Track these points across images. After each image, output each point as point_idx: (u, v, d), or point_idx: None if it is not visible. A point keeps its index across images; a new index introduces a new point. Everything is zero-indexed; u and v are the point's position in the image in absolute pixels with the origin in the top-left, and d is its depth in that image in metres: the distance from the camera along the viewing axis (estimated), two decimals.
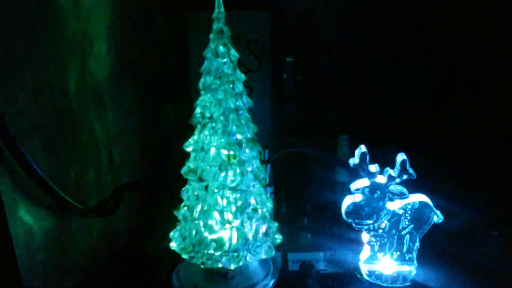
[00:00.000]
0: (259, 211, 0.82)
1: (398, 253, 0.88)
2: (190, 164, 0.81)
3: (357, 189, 0.85)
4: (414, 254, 0.89)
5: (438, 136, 1.22)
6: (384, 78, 1.32)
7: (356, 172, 0.85)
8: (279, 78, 1.37)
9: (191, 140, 0.80)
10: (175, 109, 1.31)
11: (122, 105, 1.03)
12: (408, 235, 0.87)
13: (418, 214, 0.87)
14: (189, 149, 0.80)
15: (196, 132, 0.80)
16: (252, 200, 0.81)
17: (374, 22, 1.29)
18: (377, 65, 1.33)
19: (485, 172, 1.16)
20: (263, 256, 0.83)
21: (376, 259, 0.89)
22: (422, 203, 0.86)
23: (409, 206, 0.86)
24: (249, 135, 0.79)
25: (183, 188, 0.84)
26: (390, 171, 0.83)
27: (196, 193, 0.81)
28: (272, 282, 0.86)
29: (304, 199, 1.20)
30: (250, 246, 0.81)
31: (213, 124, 0.77)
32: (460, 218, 1.05)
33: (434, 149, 1.19)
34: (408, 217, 0.87)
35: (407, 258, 0.89)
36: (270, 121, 1.35)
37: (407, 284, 0.89)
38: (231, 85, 0.76)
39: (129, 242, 1.04)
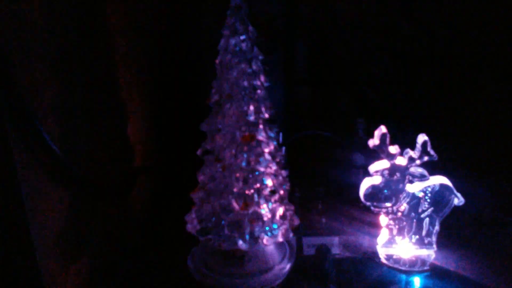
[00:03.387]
0: (276, 193, 0.80)
1: (417, 236, 0.87)
2: (206, 145, 0.80)
3: (376, 171, 0.84)
4: (434, 238, 0.87)
5: (458, 119, 1.20)
6: (400, 62, 1.29)
7: (375, 154, 0.84)
8: (293, 61, 1.34)
9: (207, 121, 0.79)
10: (189, 91, 1.29)
11: (138, 84, 1.01)
12: (427, 218, 0.86)
13: (439, 197, 0.85)
14: (205, 130, 0.79)
15: (212, 113, 0.78)
16: (269, 182, 0.79)
17: (392, 4, 1.27)
18: (394, 48, 1.30)
19: (508, 157, 1.13)
20: (280, 239, 0.82)
21: (394, 243, 0.88)
22: (442, 186, 0.84)
23: (429, 189, 0.85)
24: (266, 115, 0.78)
25: (199, 170, 0.83)
26: (411, 153, 0.81)
27: (212, 175, 0.80)
28: (288, 265, 0.86)
29: (318, 183, 1.18)
30: (267, 228, 0.80)
31: (230, 104, 0.76)
32: (481, 202, 1.02)
33: (453, 132, 1.16)
34: (428, 200, 0.85)
35: (426, 242, 0.87)
36: (283, 104, 1.33)
37: (425, 268, 0.87)
38: (249, 64, 0.74)
39: (143, 224, 1.04)
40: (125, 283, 0.89)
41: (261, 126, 0.77)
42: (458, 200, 0.85)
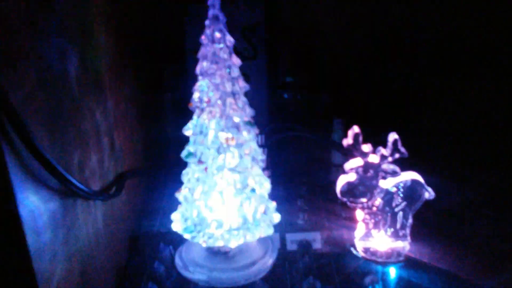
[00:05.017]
0: (257, 191, 0.85)
1: (392, 229, 0.92)
2: (189, 147, 0.84)
3: (351, 169, 0.89)
4: (408, 231, 0.92)
5: (430, 118, 1.25)
6: (377, 64, 1.35)
7: (350, 153, 0.88)
8: (275, 66, 1.39)
9: (190, 124, 0.83)
10: (172, 97, 1.33)
11: (122, 93, 1.05)
12: (401, 212, 0.91)
13: (411, 192, 0.90)
14: (188, 133, 0.83)
15: (194, 116, 0.83)
16: (251, 181, 0.84)
17: (369, 7, 1.32)
18: (372, 51, 1.35)
19: (477, 153, 1.19)
20: (262, 234, 0.86)
21: (371, 236, 0.93)
22: (414, 181, 0.89)
23: (402, 184, 0.90)
24: (246, 118, 0.82)
25: (184, 171, 0.87)
26: (383, 150, 0.86)
27: (196, 175, 0.84)
28: (271, 260, 0.90)
29: (300, 182, 1.23)
30: (250, 225, 0.85)
31: (211, 108, 0.80)
32: (452, 196, 1.08)
33: (426, 130, 1.22)
34: (401, 195, 0.90)
35: (400, 234, 0.92)
36: (266, 108, 1.38)
37: (401, 259, 0.92)
38: (228, 70, 0.79)
39: (131, 225, 1.07)
40: (113, 282, 0.94)
41: (241, 128, 0.82)
42: (428, 194, 0.90)
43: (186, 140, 0.86)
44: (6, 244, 0.63)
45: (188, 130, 0.83)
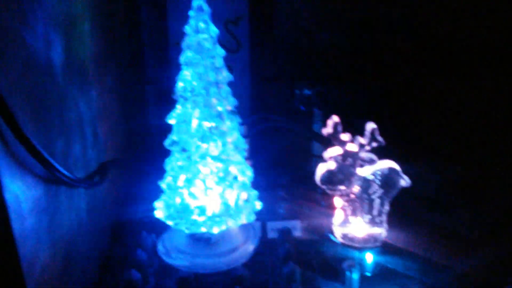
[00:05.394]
0: (240, 179, 0.87)
1: (369, 216, 0.95)
2: (173, 136, 0.86)
3: (330, 157, 0.91)
4: (384, 217, 0.96)
5: (407, 108, 1.29)
6: (358, 59, 1.38)
7: (330, 142, 0.91)
8: (258, 59, 1.41)
9: (173, 113, 0.85)
10: (155, 88, 1.34)
11: (105, 84, 1.06)
12: (378, 199, 0.94)
13: (387, 179, 0.93)
14: (172, 122, 0.85)
15: (178, 106, 0.84)
16: (233, 169, 0.86)
17: (351, 1, 1.34)
18: (352, 46, 1.38)
19: (451, 144, 1.23)
20: (244, 221, 0.88)
21: (349, 223, 0.96)
22: (390, 169, 0.93)
23: (379, 172, 0.93)
24: (229, 107, 0.84)
25: (167, 160, 0.89)
26: (361, 139, 0.90)
27: (179, 164, 0.86)
28: (252, 246, 0.92)
29: (280, 172, 1.26)
30: (232, 212, 0.87)
31: (195, 98, 0.82)
32: (430, 185, 1.11)
33: (403, 120, 1.25)
34: (378, 182, 0.93)
35: (377, 221, 0.95)
36: (249, 101, 1.40)
37: (377, 244, 0.96)
38: (212, 60, 0.81)
39: (114, 213, 1.08)
40: (96, 270, 0.95)
41: (224, 117, 0.83)
42: (405, 182, 0.93)
43: (168, 131, 0.87)
44: None
45: (171, 119, 0.85)
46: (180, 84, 0.82)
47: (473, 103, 1.16)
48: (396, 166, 0.93)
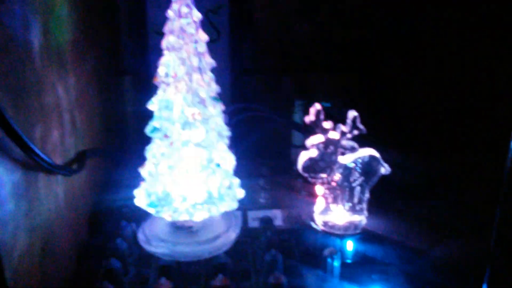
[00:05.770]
0: (222, 166, 0.87)
1: (350, 204, 0.96)
2: (154, 122, 0.85)
3: (312, 145, 0.92)
4: (364, 205, 0.97)
5: (388, 97, 1.31)
6: (340, 50, 1.39)
7: (311, 130, 0.92)
8: (238, 49, 1.40)
9: (155, 99, 0.84)
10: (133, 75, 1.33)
11: (83, 70, 1.04)
12: (358, 187, 0.95)
13: (368, 167, 0.94)
14: (153, 108, 0.84)
15: (160, 91, 0.83)
16: (216, 156, 0.85)
17: None
18: (333, 37, 1.39)
19: (431, 135, 1.25)
20: (227, 209, 0.88)
21: (330, 211, 0.97)
22: (371, 157, 0.94)
23: (360, 160, 0.94)
24: (212, 94, 0.84)
25: (147, 147, 0.88)
26: (342, 127, 0.90)
27: (161, 150, 0.85)
28: (234, 234, 0.92)
29: (261, 162, 1.26)
30: (214, 199, 0.86)
31: (177, 83, 0.81)
32: (409, 174, 1.13)
33: (384, 111, 1.27)
34: (359, 170, 0.94)
35: (358, 208, 0.96)
36: (229, 91, 1.39)
37: (358, 231, 0.97)
38: (194, 45, 0.80)
39: (93, 201, 1.07)
40: (75, 259, 0.93)
41: (207, 104, 0.83)
42: (385, 169, 0.95)
43: (147, 119, 0.86)
44: None
45: (153, 105, 0.83)
46: (162, 69, 0.81)
47: (453, 95, 1.18)
48: (377, 154, 0.94)
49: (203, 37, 0.81)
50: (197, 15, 0.80)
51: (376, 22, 1.32)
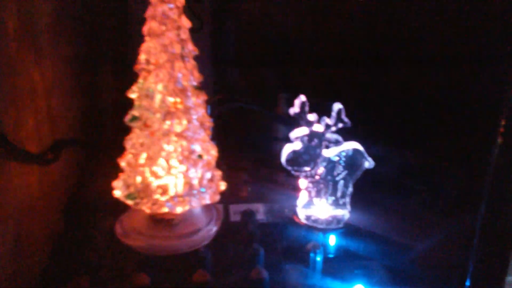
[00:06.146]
0: (204, 158, 0.84)
1: (333, 198, 0.95)
2: (134, 111, 0.82)
3: (297, 137, 0.90)
4: (348, 199, 0.96)
5: (373, 92, 1.30)
6: (324, 44, 1.38)
7: (296, 121, 0.90)
8: (221, 41, 1.38)
9: (135, 87, 0.81)
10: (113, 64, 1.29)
11: (61, 55, 1.00)
12: (342, 181, 0.94)
13: (352, 161, 0.93)
14: (133, 96, 0.81)
15: (140, 79, 0.80)
16: (197, 147, 0.83)
17: None
18: (317, 30, 1.38)
19: (415, 130, 1.25)
20: (208, 201, 0.86)
21: (313, 204, 0.95)
22: (355, 150, 0.93)
23: (344, 153, 0.92)
24: (194, 83, 0.81)
25: (127, 137, 0.84)
26: (327, 120, 0.89)
27: (140, 141, 0.82)
28: (215, 228, 0.90)
29: (244, 155, 1.24)
30: (195, 191, 0.84)
31: (158, 71, 0.78)
32: (392, 169, 1.13)
33: (369, 106, 1.26)
34: (343, 164, 0.93)
35: (341, 202, 0.95)
36: (212, 82, 1.36)
37: (340, 226, 0.96)
38: (177, 31, 0.77)
39: (69, 192, 1.04)
40: (49, 251, 0.90)
41: (189, 93, 0.80)
42: (368, 163, 0.94)
43: (127, 108, 0.83)
44: None
45: (133, 93, 0.80)
46: (142, 56, 0.78)
47: (435, 90, 1.18)
48: (360, 148, 0.94)
49: (186, 23, 0.78)
50: (180, 0, 0.77)
51: (361, 14, 1.31)
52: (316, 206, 0.95)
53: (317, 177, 0.93)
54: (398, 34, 1.26)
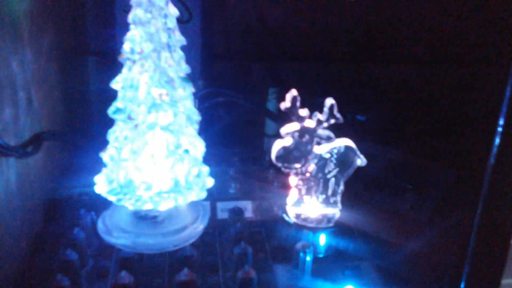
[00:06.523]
0: (191, 152, 0.81)
1: (324, 196, 0.92)
2: (118, 103, 0.78)
3: (287, 133, 0.87)
4: (338, 198, 0.93)
5: (361, 91, 1.28)
6: (313, 38, 1.36)
7: (287, 117, 0.87)
8: (210, 33, 1.34)
9: (119, 78, 0.77)
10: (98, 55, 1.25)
11: (42, 46, 0.96)
12: (333, 179, 0.91)
13: (344, 158, 0.90)
14: (117, 87, 0.77)
15: (125, 69, 0.77)
16: (184, 141, 0.80)
17: None
18: (308, 24, 1.35)
19: (404, 130, 1.23)
20: (195, 198, 0.83)
21: (303, 202, 0.93)
22: (347, 147, 0.90)
23: (335, 150, 0.90)
24: (182, 74, 0.78)
25: (110, 130, 0.81)
26: (319, 115, 0.86)
27: (124, 134, 0.79)
28: (202, 226, 0.87)
29: (232, 151, 1.22)
30: (181, 187, 0.81)
31: (144, 61, 0.75)
32: (382, 168, 1.11)
33: (356, 102, 1.24)
34: (334, 161, 0.90)
35: (331, 201, 0.93)
36: (200, 75, 1.33)
37: (330, 225, 0.93)
38: (164, 20, 0.74)
39: (50, 187, 1.00)
40: (28, 249, 0.86)
41: (176, 85, 0.77)
42: (361, 161, 0.91)
43: (112, 101, 0.80)
44: None
45: (116, 84, 0.77)
46: (127, 45, 0.74)
47: (423, 88, 1.17)
48: (353, 145, 0.91)
49: (174, 11, 0.75)
50: None
51: (353, 8, 1.29)
52: (306, 204, 0.93)
53: (307, 175, 0.91)
54: (392, 31, 1.25)
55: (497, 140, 0.69)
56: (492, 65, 0.87)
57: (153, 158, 0.78)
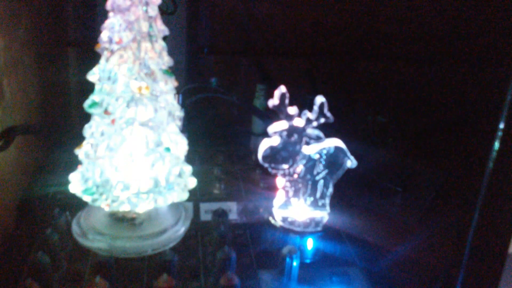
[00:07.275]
0: (172, 150, 0.77)
1: (312, 198, 0.89)
2: (94, 96, 0.74)
3: (275, 132, 0.84)
4: (327, 200, 0.90)
5: (350, 91, 1.26)
6: (302, 33, 1.32)
7: (275, 115, 0.83)
8: (195, 24, 1.30)
9: (96, 69, 0.72)
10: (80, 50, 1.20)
11: (16, 35, 0.91)
12: (322, 180, 0.88)
13: (333, 159, 0.87)
14: (93, 78, 0.72)
15: (102, 60, 0.72)
16: (165, 138, 0.75)
17: None
18: (296, 19, 1.32)
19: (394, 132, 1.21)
20: (175, 200, 0.79)
21: (290, 205, 0.89)
22: (337, 148, 0.87)
23: (325, 151, 0.87)
24: (163, 66, 0.74)
25: (86, 125, 0.76)
26: (308, 114, 0.82)
27: (101, 129, 0.74)
28: (183, 228, 0.83)
29: (217, 150, 1.18)
30: (161, 188, 0.77)
31: (122, 51, 0.70)
32: (372, 171, 1.08)
33: (344, 102, 1.21)
34: (323, 162, 0.87)
35: (320, 204, 0.90)
36: (185, 70, 1.29)
37: (318, 229, 0.90)
38: (145, 8, 0.69)
39: (22, 186, 0.96)
40: None
41: (158, 78, 0.72)
42: (351, 162, 0.88)
43: (90, 90, 0.75)
44: None
45: (93, 76, 0.72)
46: (105, 34, 0.70)
47: (413, 87, 1.15)
48: (343, 145, 0.88)
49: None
50: None
51: (345, 5, 1.26)
52: (294, 207, 0.90)
53: (295, 176, 0.87)
54: (387, 27, 1.22)
55: (497, 145, 0.66)
56: (493, 66, 0.85)
57: (131, 156, 0.74)
